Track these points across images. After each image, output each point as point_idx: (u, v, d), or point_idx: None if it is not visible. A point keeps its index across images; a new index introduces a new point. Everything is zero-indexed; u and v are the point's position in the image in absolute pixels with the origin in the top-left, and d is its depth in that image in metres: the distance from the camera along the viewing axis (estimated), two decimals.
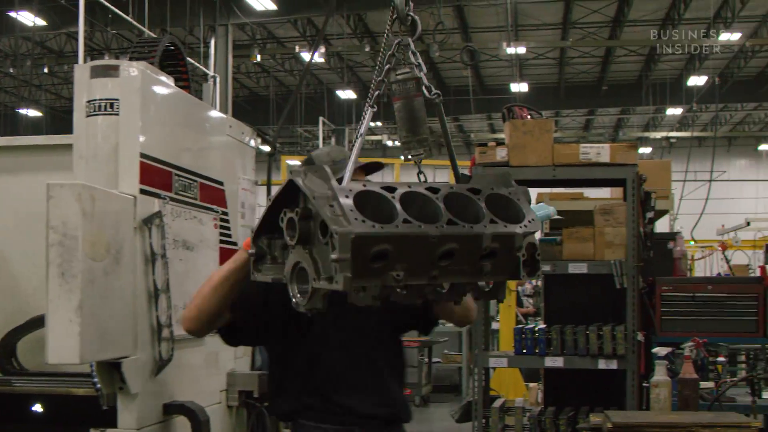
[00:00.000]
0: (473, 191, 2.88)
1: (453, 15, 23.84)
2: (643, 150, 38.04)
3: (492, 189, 2.92)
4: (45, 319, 4.10)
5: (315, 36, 25.57)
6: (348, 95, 30.78)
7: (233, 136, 5.98)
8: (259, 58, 26.43)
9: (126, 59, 5.00)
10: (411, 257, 2.67)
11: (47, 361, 4.11)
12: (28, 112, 30.03)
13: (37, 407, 4.91)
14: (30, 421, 4.93)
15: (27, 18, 21.69)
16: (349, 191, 2.64)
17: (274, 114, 30.31)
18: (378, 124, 34.71)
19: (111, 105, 4.62)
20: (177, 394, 4.92)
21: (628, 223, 6.64)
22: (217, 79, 17.06)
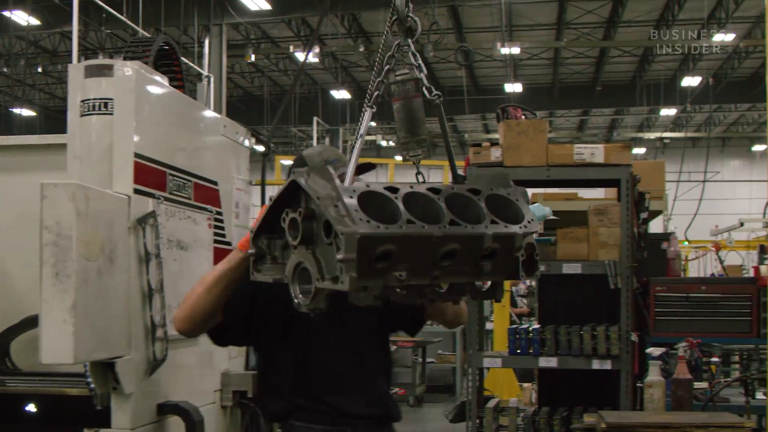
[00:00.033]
0: (473, 192, 2.90)
1: (447, 15, 23.86)
2: (637, 150, 38.10)
3: (491, 189, 2.94)
4: (39, 319, 4.10)
5: (309, 36, 25.55)
6: (342, 95, 30.78)
7: (227, 136, 5.98)
8: (254, 57, 26.45)
9: (120, 59, 5.00)
10: (413, 257, 2.68)
11: (41, 361, 4.11)
12: (21, 111, 29.99)
13: (31, 407, 4.89)
14: (23, 421, 4.92)
15: (21, 17, 21.66)
16: (353, 191, 2.64)
17: (268, 114, 30.29)
18: (372, 124, 34.59)
19: (105, 104, 4.62)
20: (171, 394, 4.92)
21: (622, 224, 6.63)
22: (212, 79, 17.05)
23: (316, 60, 26.56)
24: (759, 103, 32.29)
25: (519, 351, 6.72)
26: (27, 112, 31.14)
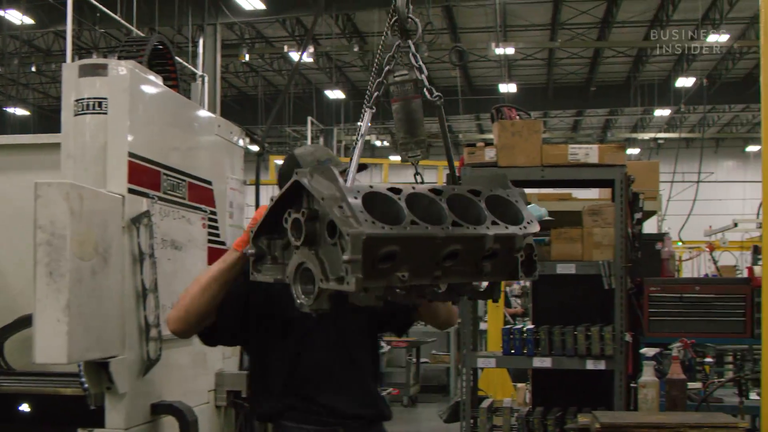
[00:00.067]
0: (473, 193, 2.91)
1: (442, 15, 23.86)
2: (631, 151, 38.11)
3: (491, 190, 2.95)
4: (32, 319, 4.09)
5: (303, 36, 25.54)
6: (336, 95, 30.76)
7: (222, 135, 5.97)
8: (248, 57, 26.41)
9: (114, 58, 4.99)
10: (416, 258, 2.69)
11: (35, 361, 4.11)
12: (15, 110, 29.93)
13: (25, 407, 4.89)
14: (17, 421, 4.91)
15: (15, 16, 21.62)
16: (357, 192, 2.64)
17: (262, 114, 30.27)
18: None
19: (99, 104, 4.62)
20: (165, 394, 4.92)
21: (616, 224, 6.64)
22: (206, 79, 17.01)
23: (310, 60, 26.55)
24: (753, 104, 32.34)
25: (513, 351, 6.73)
26: (21, 111, 31.08)
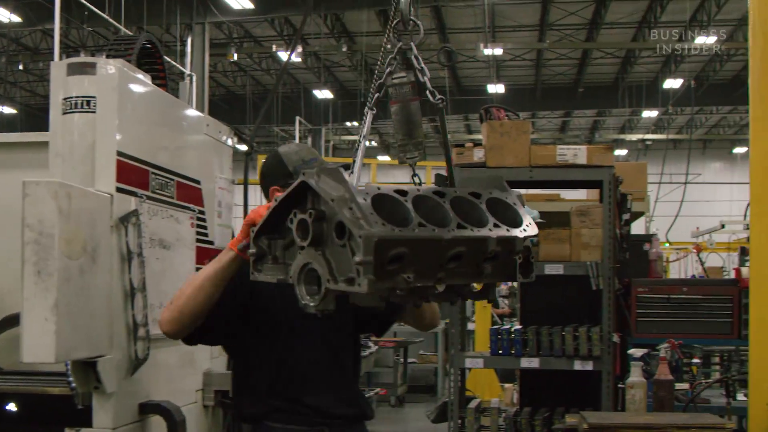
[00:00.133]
0: (474, 195, 2.93)
1: (430, 15, 23.86)
2: (619, 152, 38.23)
3: (490, 193, 2.97)
4: (20, 318, 4.08)
5: (292, 35, 25.52)
6: (325, 95, 30.76)
7: (210, 134, 5.96)
8: (236, 56, 26.37)
9: (103, 57, 4.98)
10: (422, 260, 2.70)
11: (22, 360, 4.09)
12: (2, 109, 29.85)
13: (12, 406, 4.87)
14: (4, 421, 4.88)
15: (2, 14, 21.57)
16: (366, 194, 2.64)
17: (250, 113, 30.25)
18: (355, 124, 34.69)
19: (87, 102, 4.60)
20: (153, 393, 4.90)
21: (604, 225, 6.65)
22: (194, 78, 16.99)
23: (298, 59, 26.54)
24: (740, 106, 32.45)
25: (501, 351, 6.74)
26: (8, 109, 31.01)
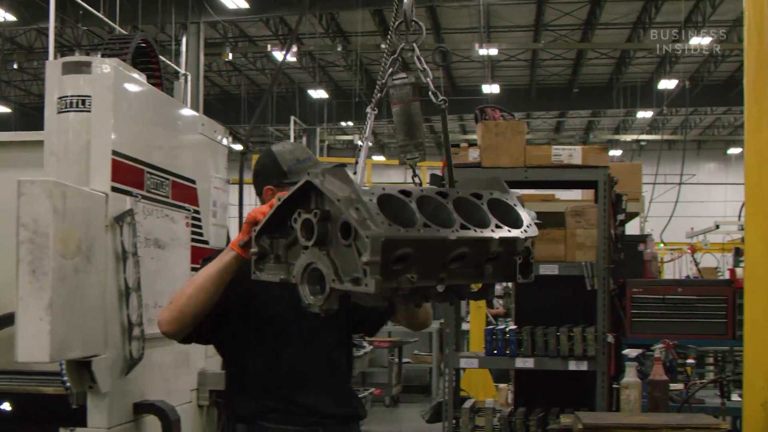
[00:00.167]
0: (475, 196, 2.94)
1: (426, 16, 23.85)
2: (614, 152, 38.25)
3: (491, 194, 2.99)
4: (15, 317, 4.07)
5: (287, 35, 25.49)
6: (320, 95, 30.73)
7: (205, 134, 5.96)
8: (231, 56, 26.34)
9: (98, 56, 4.97)
10: (426, 260, 2.71)
11: (17, 360, 4.07)
12: None
13: (6, 406, 4.87)
14: None
15: None
16: (372, 194, 2.65)
17: (245, 113, 30.21)
18: (349, 124, 34.69)
19: (83, 102, 4.59)
20: (147, 393, 4.90)
21: (599, 225, 6.66)
22: (189, 77, 16.97)
23: (293, 59, 26.51)
24: (735, 107, 32.52)
25: (496, 352, 6.74)
26: (2, 108, 30.96)
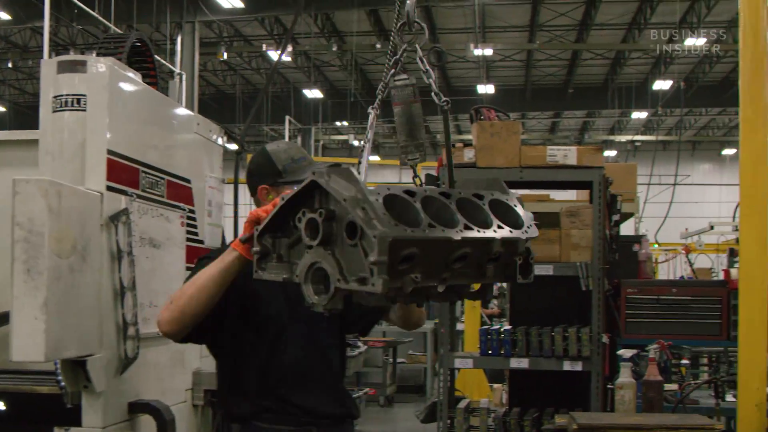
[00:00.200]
0: (477, 197, 2.95)
1: (421, 16, 23.78)
2: (608, 153, 38.29)
3: (492, 194, 3.00)
4: (10, 316, 4.06)
5: (282, 35, 25.49)
6: (315, 95, 30.73)
7: (201, 133, 5.95)
8: (226, 56, 26.34)
9: (93, 55, 4.96)
10: (430, 260, 2.71)
11: (12, 359, 4.07)
12: None
13: (0, 405, 4.85)
14: None
15: None
16: (378, 194, 2.65)
17: (240, 112, 30.21)
18: (344, 123, 34.69)
19: (78, 101, 4.58)
20: (142, 392, 4.89)
21: (594, 226, 6.66)
22: (184, 77, 16.96)
23: (288, 59, 26.51)
24: (729, 108, 32.57)
25: (490, 352, 6.74)
26: None
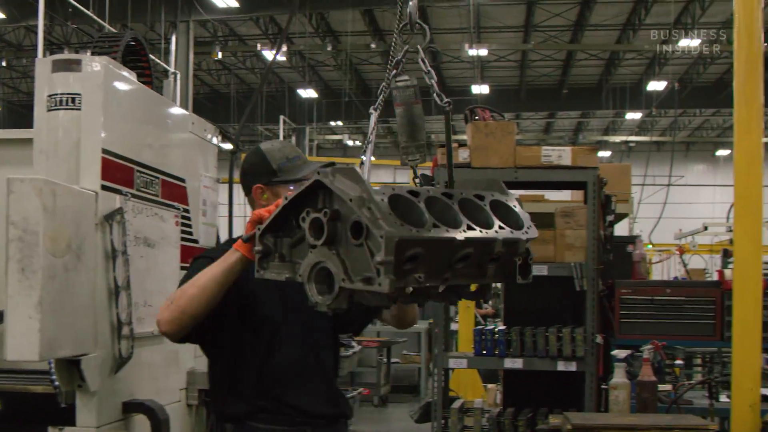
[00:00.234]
0: (478, 197, 2.96)
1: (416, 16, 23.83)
2: (603, 153, 38.31)
3: (492, 195, 3.01)
4: (4, 316, 4.06)
5: (277, 34, 25.47)
6: (309, 94, 30.70)
7: (195, 133, 5.95)
8: (221, 55, 26.32)
9: (88, 54, 4.96)
10: (434, 260, 2.72)
11: (6, 358, 4.07)
12: None
13: None
14: None
15: None
16: (383, 194, 2.65)
17: (234, 111, 30.18)
18: (339, 123, 34.68)
19: (73, 100, 4.58)
20: (136, 392, 4.89)
21: (588, 226, 6.67)
22: (178, 76, 16.94)
23: (283, 59, 26.49)
24: (723, 109, 32.65)
25: (485, 352, 6.75)
26: None
